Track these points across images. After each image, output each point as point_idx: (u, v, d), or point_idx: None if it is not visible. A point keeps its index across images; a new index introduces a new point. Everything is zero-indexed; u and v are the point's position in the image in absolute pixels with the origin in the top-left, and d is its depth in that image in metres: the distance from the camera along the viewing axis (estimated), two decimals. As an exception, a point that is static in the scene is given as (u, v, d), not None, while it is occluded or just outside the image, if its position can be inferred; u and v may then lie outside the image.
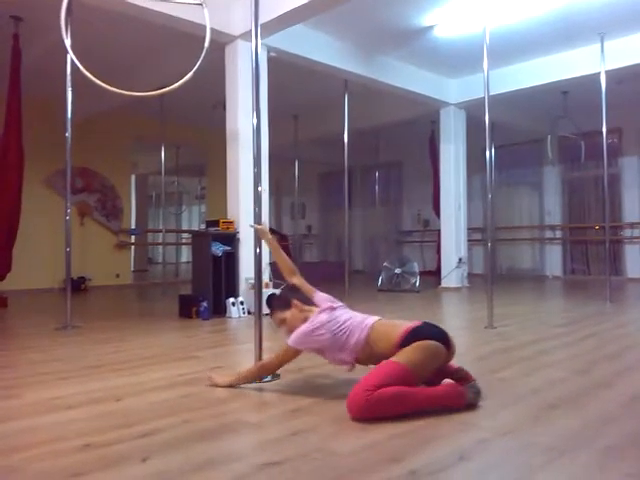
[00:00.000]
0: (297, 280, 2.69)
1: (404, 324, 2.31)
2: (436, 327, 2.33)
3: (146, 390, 2.58)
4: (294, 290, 2.62)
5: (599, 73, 6.16)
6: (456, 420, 2.09)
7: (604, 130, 6.24)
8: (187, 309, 5.23)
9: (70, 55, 3.72)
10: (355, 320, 2.39)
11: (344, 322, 2.37)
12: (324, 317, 2.37)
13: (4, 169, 5.64)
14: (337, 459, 1.73)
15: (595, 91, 6.25)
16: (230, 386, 2.56)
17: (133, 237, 10.05)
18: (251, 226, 2.95)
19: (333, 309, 2.44)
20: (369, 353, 2.33)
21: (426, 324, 2.33)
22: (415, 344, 2.18)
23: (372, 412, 2.02)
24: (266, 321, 2.90)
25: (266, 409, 2.29)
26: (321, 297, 2.56)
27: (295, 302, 2.51)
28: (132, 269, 10.47)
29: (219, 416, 2.17)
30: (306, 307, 2.50)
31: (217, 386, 2.58)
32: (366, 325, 2.35)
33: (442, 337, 2.26)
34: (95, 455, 1.77)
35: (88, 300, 7.24)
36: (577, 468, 1.64)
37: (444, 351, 2.23)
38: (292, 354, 2.43)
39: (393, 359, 2.16)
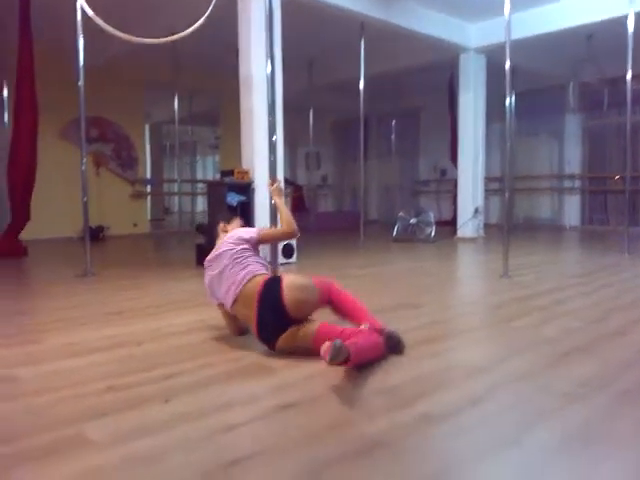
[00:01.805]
0: (273, 229, 2.74)
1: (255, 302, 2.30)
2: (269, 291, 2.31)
3: (166, 335, 2.64)
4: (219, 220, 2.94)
5: (626, 15, 5.89)
6: (467, 366, 2.11)
7: (629, 76, 6.01)
8: (204, 258, 5.26)
9: (80, 1, 3.64)
10: (232, 276, 2.53)
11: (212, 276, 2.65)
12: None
13: (18, 120, 5.64)
14: (350, 402, 1.77)
15: (621, 34, 5.99)
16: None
17: (149, 187, 10.06)
18: (271, 194, 3.06)
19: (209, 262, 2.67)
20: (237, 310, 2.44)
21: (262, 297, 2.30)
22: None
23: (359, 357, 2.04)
24: (282, 267, 2.92)
25: (281, 354, 2.33)
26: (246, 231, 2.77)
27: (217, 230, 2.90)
28: (149, 218, 10.56)
29: (237, 360, 2.22)
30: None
31: None
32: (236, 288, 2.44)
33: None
34: (118, 397, 1.83)
35: (106, 249, 7.33)
36: (590, 412, 1.67)
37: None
38: (222, 309, 2.58)
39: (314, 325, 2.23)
